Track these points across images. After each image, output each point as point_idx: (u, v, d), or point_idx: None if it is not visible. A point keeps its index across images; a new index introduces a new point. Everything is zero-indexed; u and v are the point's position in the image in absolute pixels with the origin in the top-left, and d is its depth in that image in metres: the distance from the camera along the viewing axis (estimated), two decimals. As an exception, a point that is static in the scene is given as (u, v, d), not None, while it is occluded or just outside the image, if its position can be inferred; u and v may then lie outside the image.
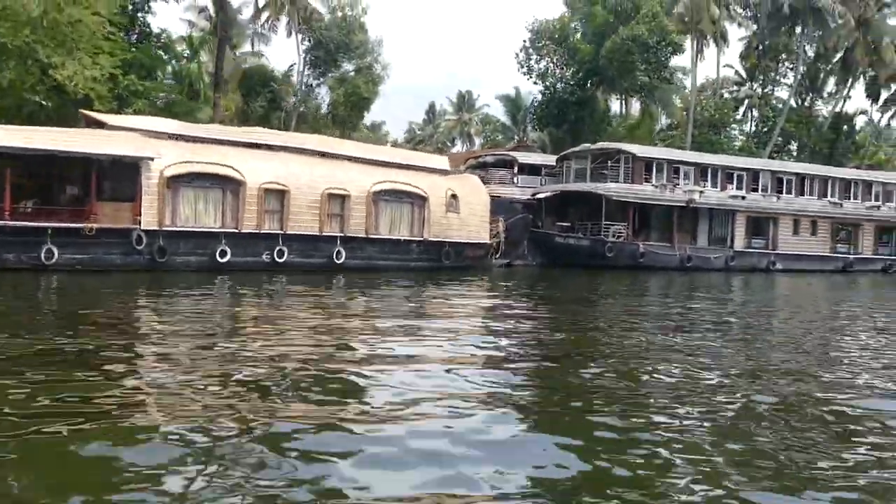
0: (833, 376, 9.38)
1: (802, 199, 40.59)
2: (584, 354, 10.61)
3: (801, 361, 10.60)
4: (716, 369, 9.54)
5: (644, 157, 36.45)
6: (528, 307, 18.28)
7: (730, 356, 10.83)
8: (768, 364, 10.18)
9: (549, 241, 36.13)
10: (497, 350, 10.81)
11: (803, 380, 8.95)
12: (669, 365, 9.55)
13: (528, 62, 47.04)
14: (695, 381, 8.71)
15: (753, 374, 9.35)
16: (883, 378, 9.47)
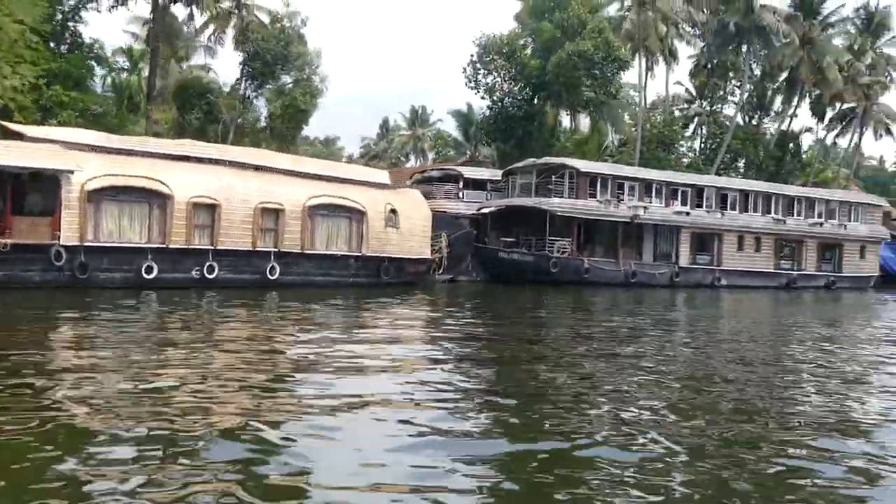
0: (772, 386, 9.75)
1: (746, 215, 40.75)
2: (526, 371, 10.45)
3: (749, 383, 10.42)
4: (659, 384, 9.62)
5: (588, 172, 36.27)
6: (468, 323, 17.93)
7: (672, 371, 10.86)
8: (711, 373, 10.48)
9: (493, 256, 35.74)
10: (434, 368, 10.54)
11: (752, 412, 8.59)
12: (608, 374, 9.90)
13: (476, 77, 46.81)
14: (640, 395, 8.77)
15: (698, 381, 9.73)
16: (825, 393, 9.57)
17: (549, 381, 9.58)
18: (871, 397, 9.53)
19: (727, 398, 8.90)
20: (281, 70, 34.49)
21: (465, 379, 9.66)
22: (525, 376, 9.96)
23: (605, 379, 9.86)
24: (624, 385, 9.36)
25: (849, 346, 15.46)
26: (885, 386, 10.42)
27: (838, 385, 10.04)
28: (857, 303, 34.03)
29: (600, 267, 35.93)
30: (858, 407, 8.77)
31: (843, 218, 44.11)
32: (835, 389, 9.70)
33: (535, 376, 9.93)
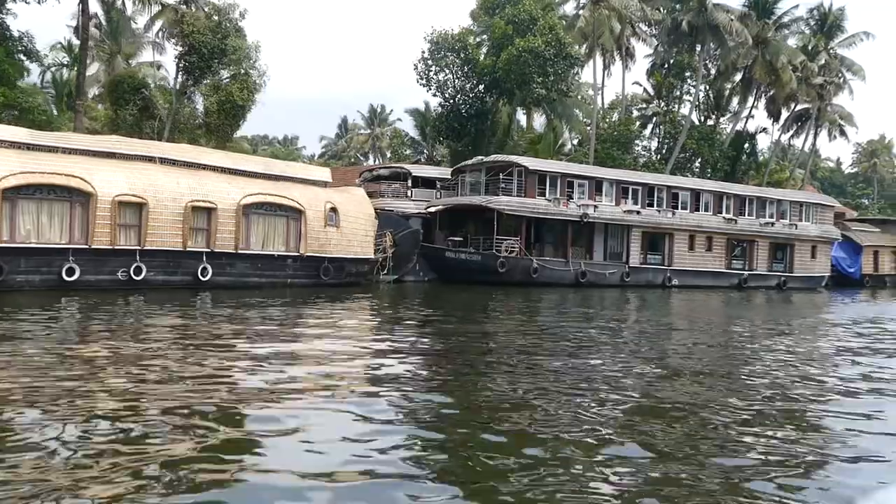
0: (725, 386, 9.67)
1: (698, 214, 40.49)
2: (469, 373, 10.17)
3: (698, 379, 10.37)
4: (610, 383, 9.60)
5: (537, 170, 35.70)
6: (409, 324, 17.31)
7: (624, 370, 10.79)
8: (663, 375, 10.43)
9: (440, 256, 35.06)
10: (373, 368, 10.28)
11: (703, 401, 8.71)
12: (558, 379, 9.63)
13: (428, 74, 46.04)
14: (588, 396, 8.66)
15: (650, 383, 9.68)
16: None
17: (485, 390, 9.06)
18: (825, 399, 9.28)
19: (668, 397, 8.81)
20: (218, 64, 33.41)
21: (398, 392, 8.89)
22: (459, 386, 9.32)
23: (555, 385, 9.40)
24: (574, 394, 8.84)
25: (801, 349, 14.93)
26: (837, 388, 10.09)
27: (795, 392, 9.60)
28: (807, 303, 33.86)
29: (550, 267, 35.41)
30: (812, 408, 8.62)
31: (794, 218, 44.09)
32: (792, 397, 9.26)
33: (470, 386, 9.30)
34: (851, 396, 9.34)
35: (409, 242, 33.81)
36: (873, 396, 9.40)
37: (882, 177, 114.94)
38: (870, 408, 8.52)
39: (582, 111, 54.18)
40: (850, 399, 9.16)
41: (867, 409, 8.40)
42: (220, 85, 32.81)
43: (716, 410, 8.04)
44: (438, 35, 45.43)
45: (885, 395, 9.53)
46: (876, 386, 10.16)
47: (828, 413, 8.32)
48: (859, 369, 11.64)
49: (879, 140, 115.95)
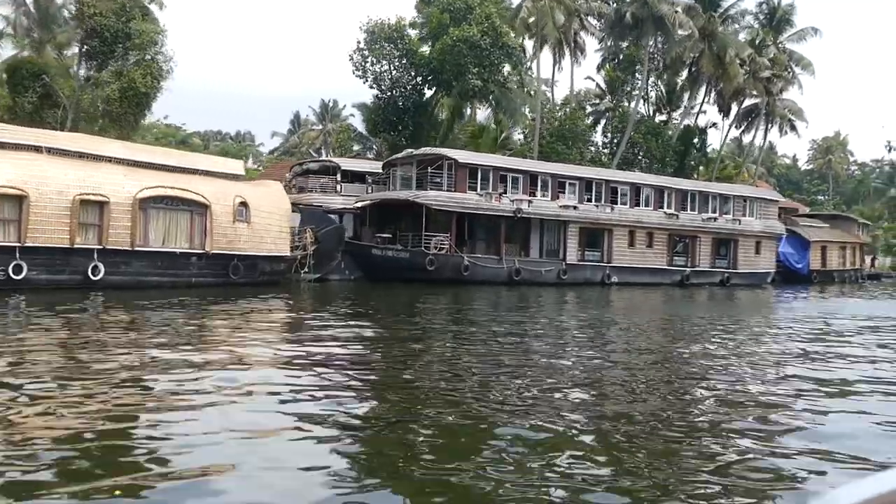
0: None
1: (638, 209, 39.33)
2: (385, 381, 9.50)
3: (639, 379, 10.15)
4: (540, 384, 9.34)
5: (468, 163, 34.30)
6: (319, 326, 16.02)
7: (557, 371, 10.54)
8: (600, 375, 10.28)
9: (366, 253, 33.53)
10: (271, 378, 9.17)
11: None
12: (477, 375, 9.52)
13: (364, 65, 44.41)
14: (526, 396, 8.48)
15: (586, 385, 9.51)
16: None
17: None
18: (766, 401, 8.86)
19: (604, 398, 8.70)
20: (123, 49, 31.43)
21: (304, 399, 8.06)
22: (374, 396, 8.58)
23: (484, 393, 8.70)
24: (508, 395, 8.56)
25: (743, 347, 14.31)
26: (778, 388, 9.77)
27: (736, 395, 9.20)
28: (749, 301, 33.01)
29: (482, 264, 34.05)
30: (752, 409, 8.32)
31: (738, 213, 43.12)
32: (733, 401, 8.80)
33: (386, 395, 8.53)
34: (792, 398, 9.02)
35: (332, 239, 32.25)
36: (812, 398, 8.97)
37: (837, 173, 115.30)
38: (810, 407, 8.33)
39: (529, 105, 52.85)
40: (791, 400, 8.91)
41: (809, 409, 8.20)
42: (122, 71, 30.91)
43: (653, 419, 7.55)
44: (374, 25, 43.82)
45: (816, 394, 9.18)
46: (811, 386, 9.71)
47: (766, 413, 8.10)
48: (801, 370, 11.22)
49: (834, 137, 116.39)
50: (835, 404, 8.46)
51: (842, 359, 12.41)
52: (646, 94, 61.65)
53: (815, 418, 7.68)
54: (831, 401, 8.67)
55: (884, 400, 8.95)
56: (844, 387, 9.65)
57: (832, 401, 8.68)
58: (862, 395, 9.26)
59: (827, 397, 8.90)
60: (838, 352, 13.44)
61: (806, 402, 8.53)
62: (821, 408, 8.22)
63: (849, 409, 8.21)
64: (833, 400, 8.75)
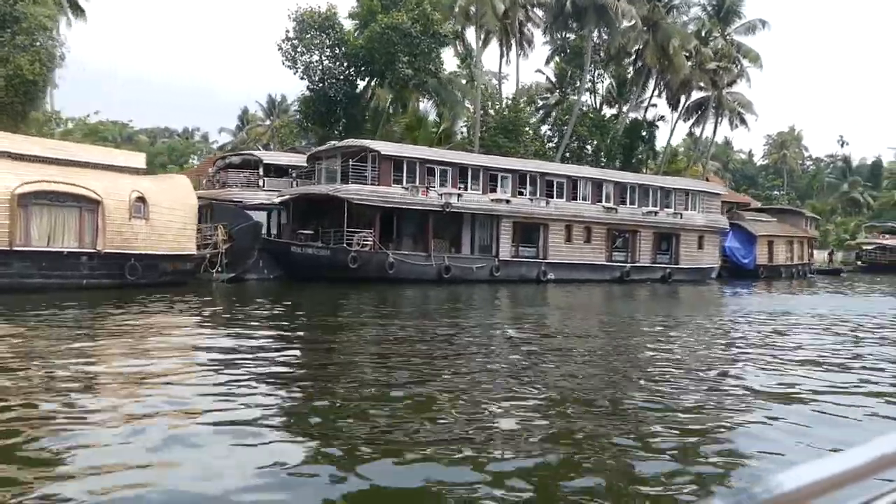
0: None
1: (575, 203, 37.89)
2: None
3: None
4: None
5: (392, 155, 32.60)
6: (216, 331, 15.14)
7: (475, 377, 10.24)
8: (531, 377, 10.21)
9: (285, 251, 31.70)
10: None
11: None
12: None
13: (294, 55, 42.48)
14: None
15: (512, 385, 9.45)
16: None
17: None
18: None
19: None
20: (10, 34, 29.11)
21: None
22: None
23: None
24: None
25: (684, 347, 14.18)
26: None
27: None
28: (690, 297, 31.98)
29: (408, 261, 32.40)
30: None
31: (679, 206, 41.88)
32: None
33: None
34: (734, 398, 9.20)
35: (247, 236, 30.45)
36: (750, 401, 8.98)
37: (792, 168, 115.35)
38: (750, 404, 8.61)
39: (470, 97, 51.28)
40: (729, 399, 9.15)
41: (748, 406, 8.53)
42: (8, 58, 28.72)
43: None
44: (304, 13, 41.93)
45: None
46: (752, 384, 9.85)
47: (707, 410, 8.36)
48: (739, 372, 11.17)
49: (789, 132, 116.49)
50: (769, 406, 8.49)
51: (781, 360, 12.15)
52: (592, 87, 60.54)
53: (751, 418, 7.92)
54: (767, 402, 8.70)
55: (818, 396, 9.06)
56: (782, 390, 9.56)
57: (768, 402, 8.70)
58: (797, 393, 9.32)
59: (765, 400, 8.85)
60: (778, 354, 13.00)
61: (743, 404, 8.74)
62: (754, 408, 8.43)
63: (781, 410, 8.30)
64: (767, 402, 8.73)
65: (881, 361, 12.35)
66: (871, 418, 7.94)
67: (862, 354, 13.28)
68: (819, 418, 7.81)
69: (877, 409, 8.38)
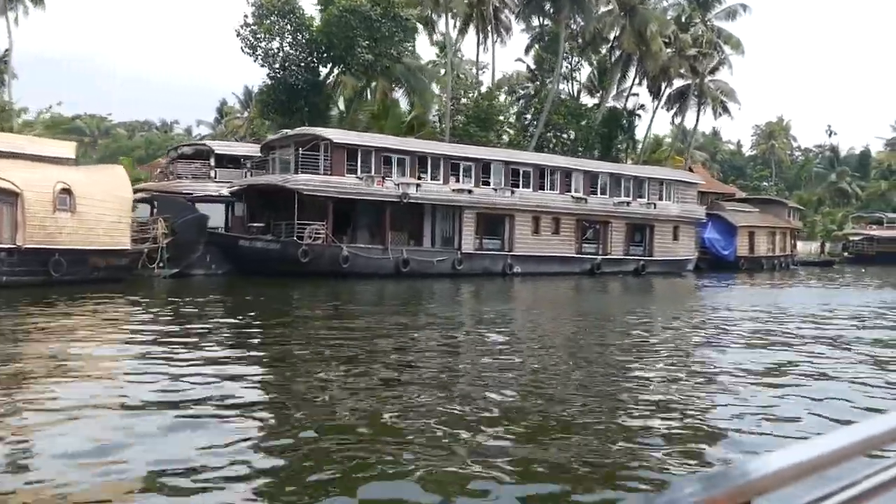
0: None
1: (542, 193, 36.37)
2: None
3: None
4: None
5: (345, 143, 31.05)
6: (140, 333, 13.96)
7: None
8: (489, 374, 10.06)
9: (232, 245, 30.18)
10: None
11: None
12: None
13: (255, 42, 40.80)
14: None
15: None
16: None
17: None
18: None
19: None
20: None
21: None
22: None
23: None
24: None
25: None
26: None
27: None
28: (666, 291, 30.75)
29: (364, 255, 30.91)
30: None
31: (653, 196, 40.37)
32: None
33: None
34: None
35: (192, 230, 28.90)
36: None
37: (780, 159, 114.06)
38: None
39: (441, 84, 49.75)
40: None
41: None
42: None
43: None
44: (263, -4, 40.26)
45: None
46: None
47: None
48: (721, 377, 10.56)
49: (777, 122, 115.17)
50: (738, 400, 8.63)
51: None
52: (569, 75, 58.98)
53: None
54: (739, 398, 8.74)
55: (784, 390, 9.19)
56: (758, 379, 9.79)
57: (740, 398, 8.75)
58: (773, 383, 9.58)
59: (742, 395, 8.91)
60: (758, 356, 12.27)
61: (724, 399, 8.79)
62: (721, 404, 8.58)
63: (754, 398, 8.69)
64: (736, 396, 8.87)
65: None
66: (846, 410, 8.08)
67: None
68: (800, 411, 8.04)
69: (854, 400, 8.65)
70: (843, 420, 7.36)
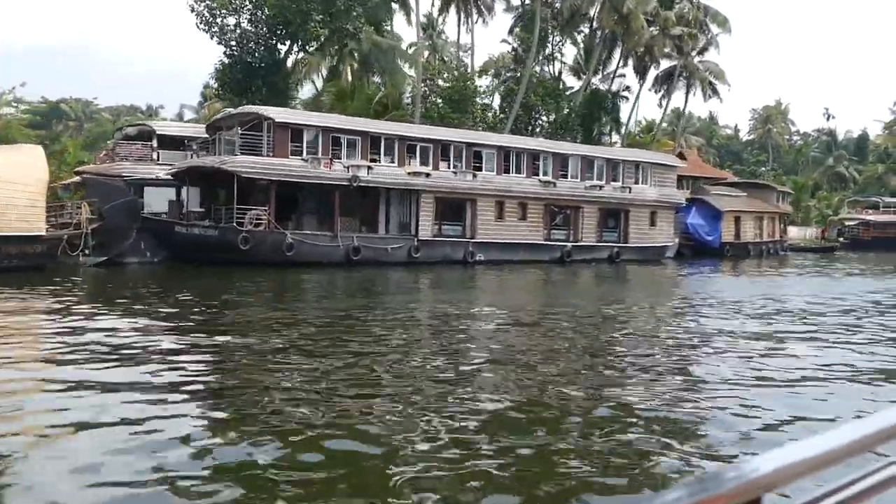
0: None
1: (507, 176, 34.40)
2: None
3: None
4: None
5: (289, 123, 29.10)
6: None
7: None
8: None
9: (167, 231, 28.32)
10: None
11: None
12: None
13: (212, 18, 38.78)
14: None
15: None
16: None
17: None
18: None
19: None
20: None
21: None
22: None
23: None
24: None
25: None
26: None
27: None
28: (641, 280, 28.95)
29: (310, 242, 29.03)
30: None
31: (628, 180, 38.32)
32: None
33: None
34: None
35: (121, 215, 27.03)
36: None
37: (778, 143, 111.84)
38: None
39: (411, 64, 47.70)
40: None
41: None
42: None
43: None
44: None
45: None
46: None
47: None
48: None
49: (775, 106, 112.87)
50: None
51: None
52: (551, 55, 56.88)
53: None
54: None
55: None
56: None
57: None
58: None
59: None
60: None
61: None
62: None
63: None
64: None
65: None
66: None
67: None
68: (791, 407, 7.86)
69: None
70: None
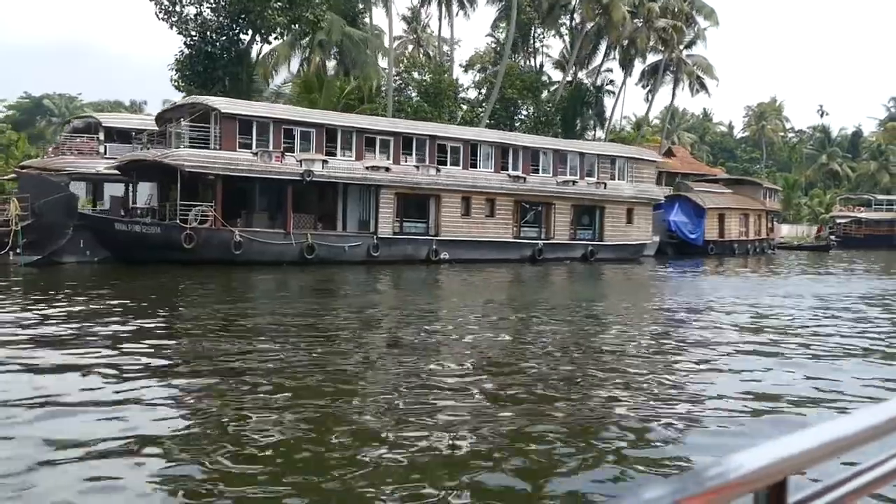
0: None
1: (474, 171, 32.86)
2: None
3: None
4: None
5: (237, 114, 27.56)
6: None
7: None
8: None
9: (107, 228, 26.77)
10: None
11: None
12: None
13: (171, 6, 37.16)
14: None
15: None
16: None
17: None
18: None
19: None
20: None
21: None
22: None
23: None
24: None
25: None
26: None
27: None
28: (615, 280, 27.48)
29: (260, 240, 27.50)
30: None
31: (604, 175, 36.76)
32: None
33: None
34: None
35: (57, 211, 25.50)
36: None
37: (772, 140, 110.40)
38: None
39: (383, 55, 46.16)
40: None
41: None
42: None
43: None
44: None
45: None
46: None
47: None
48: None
49: (769, 103, 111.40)
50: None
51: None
52: (534, 48, 55.46)
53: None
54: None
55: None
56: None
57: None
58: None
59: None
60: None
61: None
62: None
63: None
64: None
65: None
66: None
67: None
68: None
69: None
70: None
